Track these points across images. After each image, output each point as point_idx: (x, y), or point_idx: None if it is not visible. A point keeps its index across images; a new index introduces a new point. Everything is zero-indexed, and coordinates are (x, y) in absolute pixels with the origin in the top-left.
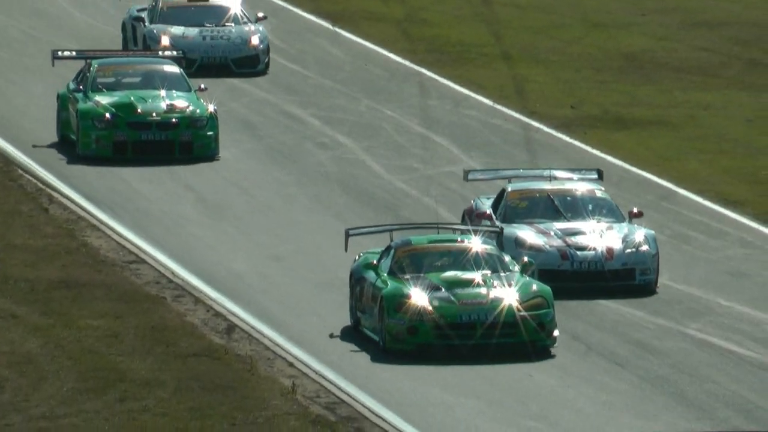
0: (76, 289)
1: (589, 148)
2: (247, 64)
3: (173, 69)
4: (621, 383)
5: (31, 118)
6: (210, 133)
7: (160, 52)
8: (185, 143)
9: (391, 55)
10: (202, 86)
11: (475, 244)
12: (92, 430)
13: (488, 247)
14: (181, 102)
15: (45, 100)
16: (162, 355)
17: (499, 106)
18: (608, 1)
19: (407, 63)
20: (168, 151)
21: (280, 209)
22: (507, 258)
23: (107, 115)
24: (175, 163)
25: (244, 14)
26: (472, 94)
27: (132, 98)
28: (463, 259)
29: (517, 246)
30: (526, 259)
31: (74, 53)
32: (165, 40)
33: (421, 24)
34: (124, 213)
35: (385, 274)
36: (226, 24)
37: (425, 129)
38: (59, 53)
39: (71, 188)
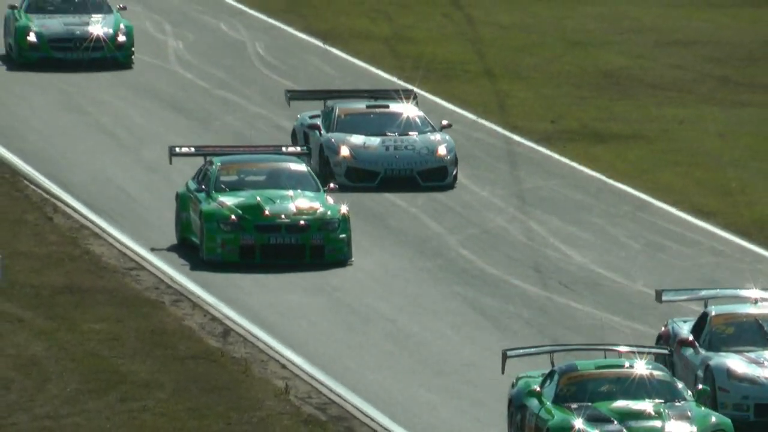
0: (79, 294)
1: (568, 161)
2: (434, 176)
3: (300, 167)
4: None
5: (34, 130)
6: (342, 236)
7: (284, 148)
8: (316, 247)
9: (380, 72)
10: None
11: (646, 369)
12: (94, 429)
13: (661, 373)
14: (311, 203)
15: (47, 112)
16: (161, 358)
17: (482, 121)
18: (586, 20)
19: (395, 79)
20: (298, 256)
21: None
22: (680, 385)
23: (233, 216)
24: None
25: (428, 121)
26: (457, 109)
27: (259, 199)
28: (633, 387)
29: (729, 378)
30: (701, 386)
31: (192, 149)
32: (345, 151)
33: (408, 42)
34: (124, 222)
35: (549, 403)
36: (409, 132)
37: None
38: (176, 149)
39: (74, 198)
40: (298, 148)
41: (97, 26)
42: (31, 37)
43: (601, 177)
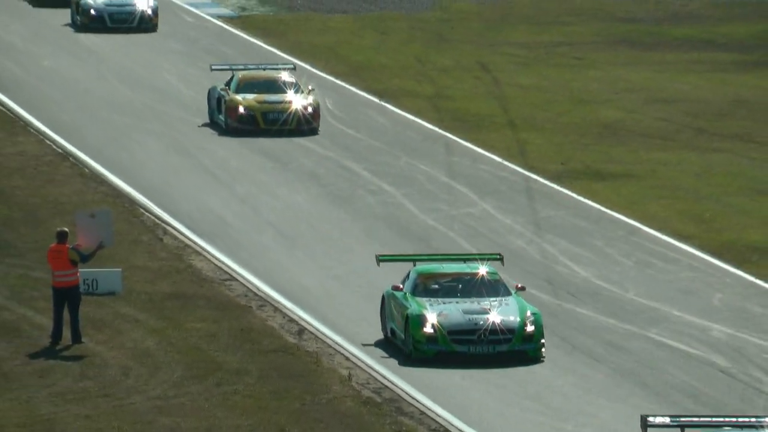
0: (183, 299)
1: (574, 195)
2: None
3: (493, 275)
4: (598, 374)
5: (150, 169)
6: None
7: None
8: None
9: (424, 123)
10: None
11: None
12: (196, 408)
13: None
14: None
15: (160, 155)
16: (249, 351)
17: (506, 162)
18: (589, 82)
19: (436, 129)
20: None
21: (338, 240)
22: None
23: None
24: (260, 204)
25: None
26: (486, 153)
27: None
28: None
29: None
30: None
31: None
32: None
33: (447, 99)
34: (220, 242)
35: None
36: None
37: (450, 179)
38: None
39: (181, 223)
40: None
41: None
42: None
43: (601, 208)
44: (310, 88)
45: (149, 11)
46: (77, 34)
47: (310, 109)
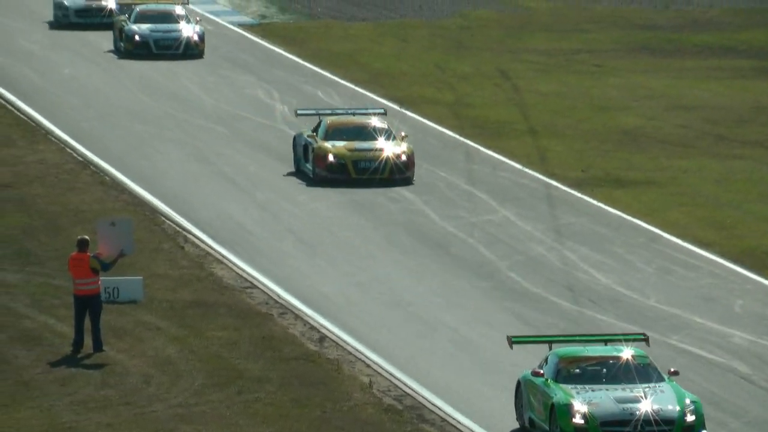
0: (204, 307)
1: (595, 202)
2: None
3: (645, 361)
4: None
5: (170, 177)
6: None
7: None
8: None
9: (444, 130)
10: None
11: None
12: (217, 416)
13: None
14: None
15: (181, 163)
16: (270, 359)
17: (526, 169)
18: (609, 89)
19: (456, 136)
20: None
21: (360, 247)
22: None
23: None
24: (280, 211)
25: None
26: (506, 160)
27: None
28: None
29: None
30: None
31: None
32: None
33: (467, 106)
34: (241, 250)
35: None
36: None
37: (470, 186)
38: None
39: (201, 231)
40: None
41: None
42: None
43: (622, 215)
44: (403, 134)
45: (195, 37)
46: (96, 42)
47: (403, 157)
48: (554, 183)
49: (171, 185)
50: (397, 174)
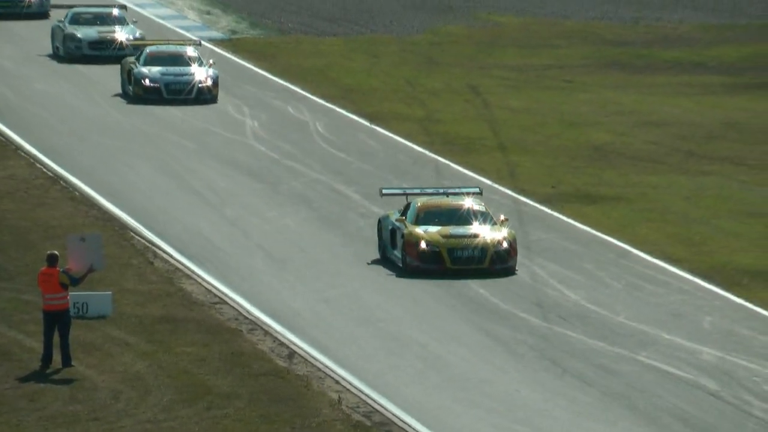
0: (174, 323)
1: (565, 218)
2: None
3: (482, 207)
4: (588, 397)
5: (140, 193)
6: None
7: None
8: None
9: (414, 146)
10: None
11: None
12: (186, 431)
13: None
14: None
15: (150, 177)
16: (239, 375)
17: (496, 185)
18: (580, 105)
19: (426, 152)
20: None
21: (328, 263)
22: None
23: None
24: (250, 226)
25: None
26: (476, 176)
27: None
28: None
29: None
30: (503, 217)
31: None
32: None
33: (437, 122)
34: (210, 265)
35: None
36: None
37: None
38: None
39: (171, 246)
40: None
41: None
42: None
43: (591, 231)
44: (502, 218)
45: (209, 81)
46: (67, 57)
47: (504, 244)
48: (524, 199)
49: (140, 200)
50: (498, 264)
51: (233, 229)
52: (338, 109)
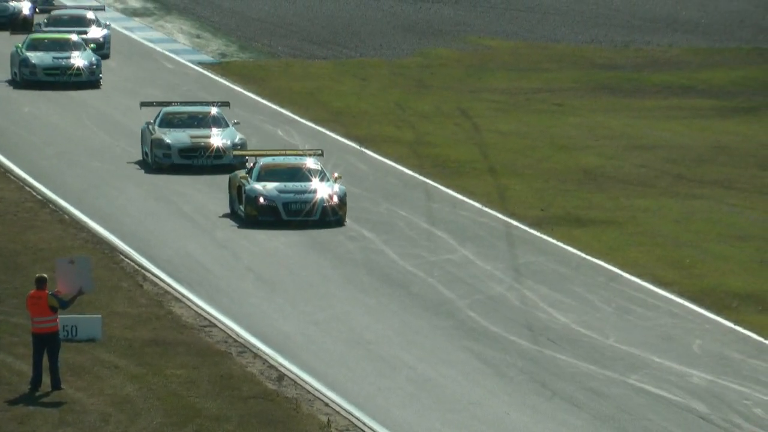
0: (163, 346)
1: (554, 241)
2: None
3: (318, 166)
4: (578, 420)
5: (129, 215)
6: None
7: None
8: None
9: (404, 169)
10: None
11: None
12: None
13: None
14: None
15: (140, 201)
16: (228, 397)
17: (486, 208)
18: (569, 129)
19: (416, 175)
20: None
21: (319, 286)
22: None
23: None
24: (240, 249)
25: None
26: (466, 199)
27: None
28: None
29: None
30: (336, 174)
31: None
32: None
33: (427, 145)
34: (200, 288)
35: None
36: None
37: (430, 225)
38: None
39: (160, 269)
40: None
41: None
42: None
43: (581, 254)
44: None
45: (335, 199)
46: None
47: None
48: (514, 222)
49: (130, 223)
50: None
51: (223, 252)
52: (328, 132)
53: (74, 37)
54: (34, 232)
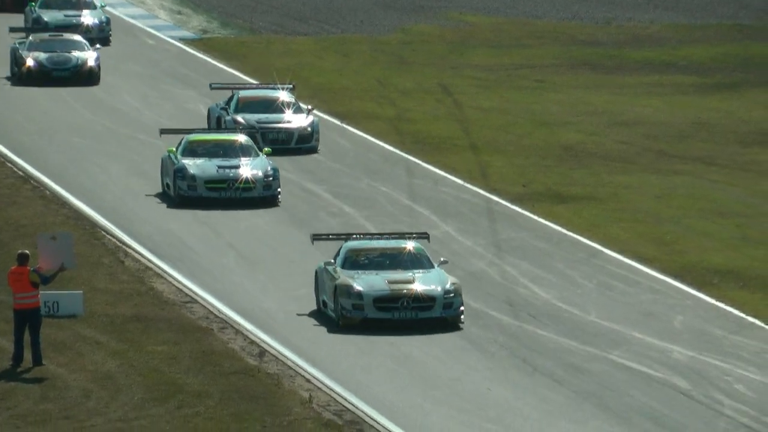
0: (145, 322)
1: (536, 217)
2: None
3: (420, 251)
4: (559, 396)
5: (111, 192)
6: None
7: None
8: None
9: (385, 145)
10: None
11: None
12: (157, 430)
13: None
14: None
15: (121, 177)
16: (210, 373)
17: (467, 185)
18: (550, 105)
19: (397, 151)
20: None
21: (299, 262)
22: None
23: None
24: (220, 226)
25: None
26: (447, 176)
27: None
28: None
29: None
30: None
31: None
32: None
33: (408, 122)
34: (181, 264)
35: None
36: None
37: (411, 202)
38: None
39: (141, 246)
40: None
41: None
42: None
43: (562, 230)
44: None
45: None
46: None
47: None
48: (495, 198)
49: (111, 200)
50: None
51: (204, 229)
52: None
53: (243, 139)
54: (15, 208)
